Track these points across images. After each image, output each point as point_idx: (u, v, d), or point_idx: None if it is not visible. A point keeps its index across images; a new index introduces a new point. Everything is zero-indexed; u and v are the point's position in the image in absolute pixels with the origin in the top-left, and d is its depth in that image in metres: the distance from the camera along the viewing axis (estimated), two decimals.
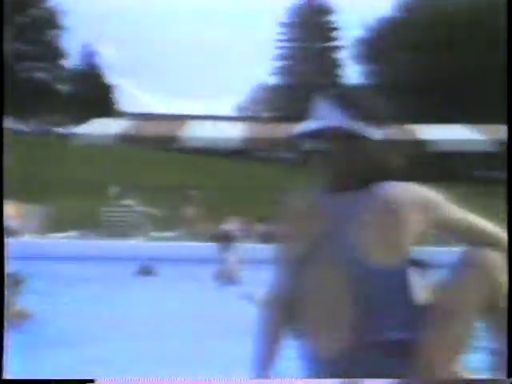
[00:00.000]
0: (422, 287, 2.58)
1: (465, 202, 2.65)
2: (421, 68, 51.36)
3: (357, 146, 2.50)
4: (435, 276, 2.64)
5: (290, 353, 2.70)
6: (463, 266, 2.49)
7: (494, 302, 2.47)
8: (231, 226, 17.21)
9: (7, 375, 2.37)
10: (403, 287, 2.46)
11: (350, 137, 2.50)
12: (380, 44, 56.33)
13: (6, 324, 2.38)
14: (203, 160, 37.53)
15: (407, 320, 2.46)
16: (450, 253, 2.59)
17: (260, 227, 16.39)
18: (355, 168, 2.49)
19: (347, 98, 2.54)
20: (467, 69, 52.99)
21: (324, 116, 2.52)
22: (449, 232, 2.58)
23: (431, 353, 2.44)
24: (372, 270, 2.41)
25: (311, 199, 2.57)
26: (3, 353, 2.34)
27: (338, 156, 2.51)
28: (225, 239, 10.97)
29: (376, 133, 2.52)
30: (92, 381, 2.40)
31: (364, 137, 2.50)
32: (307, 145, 2.56)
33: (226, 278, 10.52)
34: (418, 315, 2.47)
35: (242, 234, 16.89)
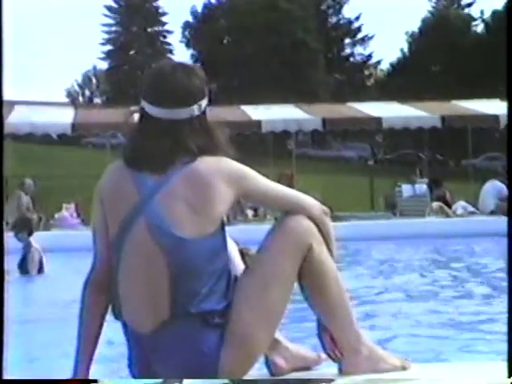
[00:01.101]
0: (239, 257, 2.72)
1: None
2: (250, 49, 52.22)
3: (157, 127, 2.59)
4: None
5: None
6: (275, 233, 2.64)
7: (307, 267, 2.61)
8: (66, 212, 17.10)
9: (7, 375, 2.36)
10: (217, 256, 2.55)
11: (147, 118, 2.60)
12: (206, 28, 56.83)
13: (5, 324, 2.34)
14: (34, 147, 36.70)
15: (223, 290, 2.55)
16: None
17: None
18: (158, 148, 2.57)
19: (145, 81, 2.66)
20: (298, 49, 54.11)
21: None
22: (259, 202, 2.79)
23: (246, 323, 2.54)
24: (183, 240, 2.50)
25: (121, 179, 2.59)
26: (3, 353, 2.34)
27: (138, 137, 2.62)
28: (24, 227, 10.26)
29: (182, 113, 2.59)
30: (95, 381, 2.41)
31: (161, 118, 2.58)
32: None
33: (29, 269, 9.78)
34: (234, 284, 2.57)
35: (77, 221, 16.82)
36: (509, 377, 2.43)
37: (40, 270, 9.97)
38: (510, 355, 2.43)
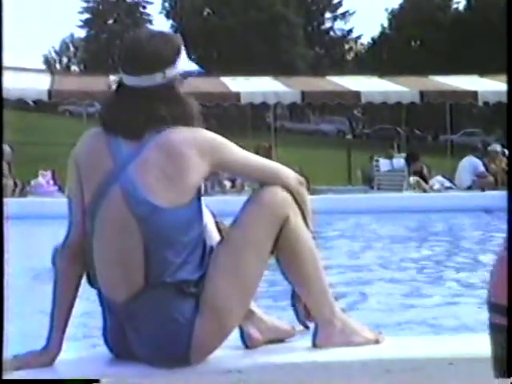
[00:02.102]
0: (216, 228, 2.66)
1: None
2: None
3: (131, 96, 2.57)
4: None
5: None
6: (251, 203, 2.61)
7: (283, 238, 2.59)
8: (42, 179, 17.02)
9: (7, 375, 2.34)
10: (192, 226, 2.53)
11: (123, 87, 2.60)
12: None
13: (5, 323, 2.31)
14: (10, 113, 36.44)
15: (198, 260, 2.53)
16: None
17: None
18: (133, 115, 2.55)
19: (120, 51, 2.65)
20: (277, 22, 53.83)
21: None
22: (235, 173, 2.77)
23: (219, 293, 2.53)
24: (158, 209, 2.48)
25: (97, 146, 2.58)
26: (3, 352, 2.34)
27: (114, 104, 2.62)
28: None
29: (156, 78, 2.57)
30: (97, 381, 2.39)
31: (136, 87, 2.57)
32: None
33: None
34: (208, 254, 2.55)
35: (54, 188, 16.76)
36: (509, 377, 2.41)
37: None
38: (510, 355, 2.42)
